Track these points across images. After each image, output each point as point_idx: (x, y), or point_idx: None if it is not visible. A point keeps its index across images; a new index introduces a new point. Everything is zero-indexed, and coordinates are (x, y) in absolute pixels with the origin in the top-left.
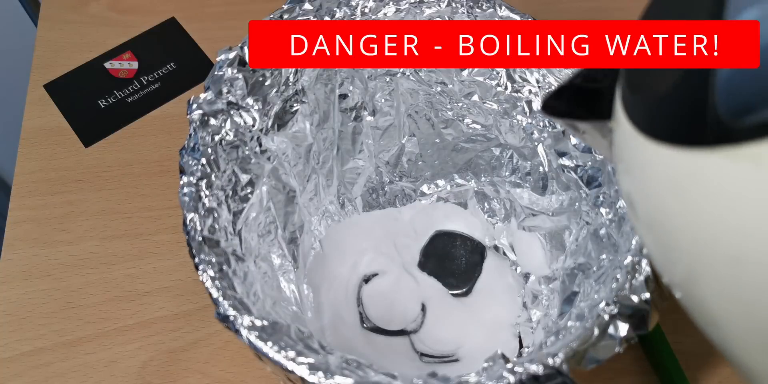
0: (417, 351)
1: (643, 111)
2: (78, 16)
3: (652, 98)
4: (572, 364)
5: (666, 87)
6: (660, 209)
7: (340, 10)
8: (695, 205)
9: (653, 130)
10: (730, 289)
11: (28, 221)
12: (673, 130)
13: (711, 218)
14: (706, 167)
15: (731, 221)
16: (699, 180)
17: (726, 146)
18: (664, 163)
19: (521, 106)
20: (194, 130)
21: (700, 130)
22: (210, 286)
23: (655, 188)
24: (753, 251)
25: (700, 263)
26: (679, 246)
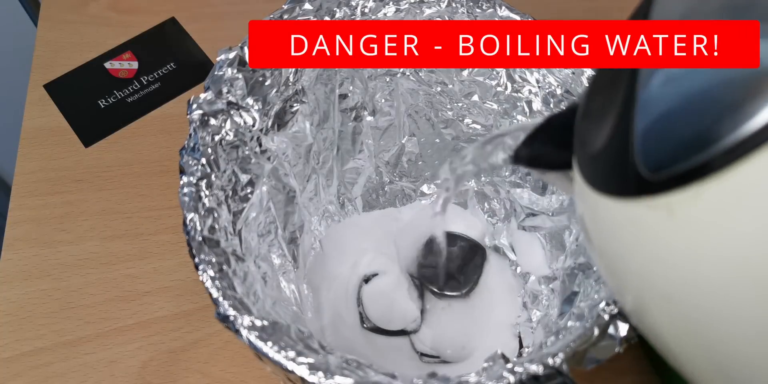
0: (417, 351)
1: (586, 164)
2: (78, 16)
3: (591, 154)
4: (572, 364)
5: (599, 144)
6: (606, 246)
7: (340, 10)
8: (629, 247)
9: (593, 182)
10: (668, 322)
11: (28, 221)
12: (607, 183)
13: (642, 260)
14: (632, 214)
15: (656, 263)
16: (629, 225)
17: (645, 197)
18: (603, 209)
19: (521, 106)
20: (194, 130)
21: (625, 183)
22: (210, 286)
23: (601, 230)
24: (677, 290)
25: (640, 296)
26: (622, 282)
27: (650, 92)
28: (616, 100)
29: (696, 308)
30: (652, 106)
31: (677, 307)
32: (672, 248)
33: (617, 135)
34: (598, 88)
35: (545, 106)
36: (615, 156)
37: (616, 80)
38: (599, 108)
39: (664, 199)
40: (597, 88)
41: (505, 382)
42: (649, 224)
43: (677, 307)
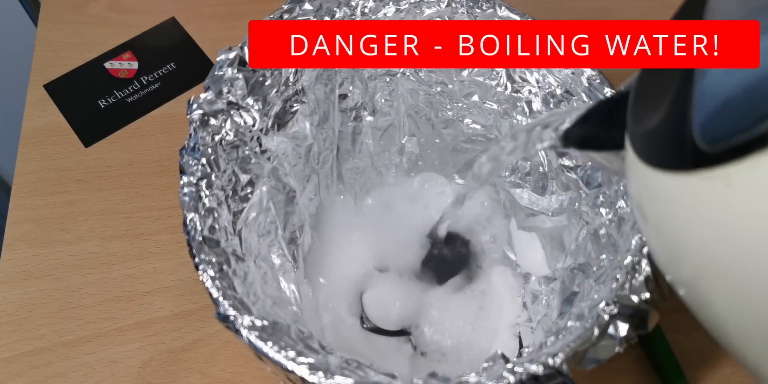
0: (417, 350)
1: (640, 141)
2: (78, 16)
3: (646, 130)
4: (572, 364)
5: (656, 120)
6: (663, 222)
7: (340, 10)
8: (687, 221)
9: (648, 157)
10: (728, 292)
11: (28, 221)
12: (663, 158)
13: (700, 232)
14: (689, 187)
15: (715, 235)
16: (686, 199)
17: (702, 169)
18: (659, 184)
19: (521, 106)
20: (194, 130)
21: (681, 156)
22: (210, 286)
23: (657, 206)
24: (736, 261)
25: (698, 269)
26: (681, 253)
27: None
28: (673, 76)
29: (755, 279)
30: (710, 80)
31: (736, 279)
32: (730, 219)
33: (675, 109)
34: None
35: (545, 106)
36: (672, 130)
37: None
38: (654, 85)
39: (721, 170)
40: (651, 70)
41: (505, 382)
42: (707, 196)
43: (736, 278)
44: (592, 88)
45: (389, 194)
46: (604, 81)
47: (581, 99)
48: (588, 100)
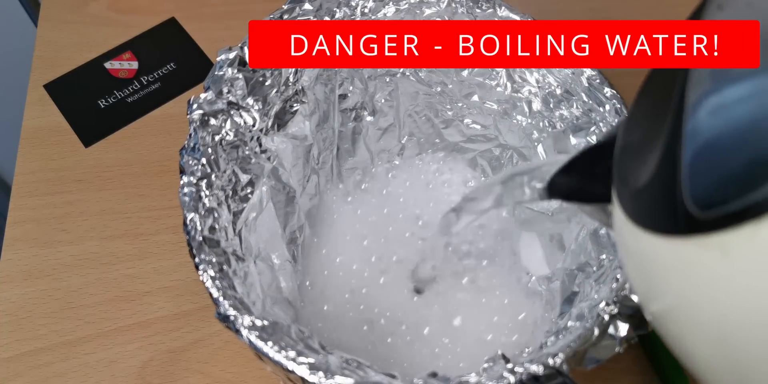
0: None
1: (628, 200)
2: (78, 16)
3: (634, 190)
4: (572, 364)
5: (643, 180)
6: (649, 286)
7: (340, 10)
8: (677, 286)
9: (637, 218)
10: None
11: (28, 221)
12: (652, 220)
13: (692, 300)
14: (682, 254)
15: (708, 304)
16: (677, 264)
17: (695, 235)
18: (648, 246)
19: (521, 106)
20: (194, 130)
21: (673, 220)
22: (210, 286)
23: (644, 268)
24: (731, 333)
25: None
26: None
27: (698, 124)
28: (660, 133)
29: (751, 352)
30: (700, 138)
31: (729, 350)
32: (727, 289)
33: (663, 170)
34: (639, 119)
35: (545, 106)
36: (661, 192)
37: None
38: (641, 141)
39: (716, 238)
40: (637, 120)
41: (505, 382)
42: (701, 264)
43: (729, 349)
44: (592, 88)
45: (389, 194)
46: (604, 81)
47: (581, 99)
48: (588, 100)
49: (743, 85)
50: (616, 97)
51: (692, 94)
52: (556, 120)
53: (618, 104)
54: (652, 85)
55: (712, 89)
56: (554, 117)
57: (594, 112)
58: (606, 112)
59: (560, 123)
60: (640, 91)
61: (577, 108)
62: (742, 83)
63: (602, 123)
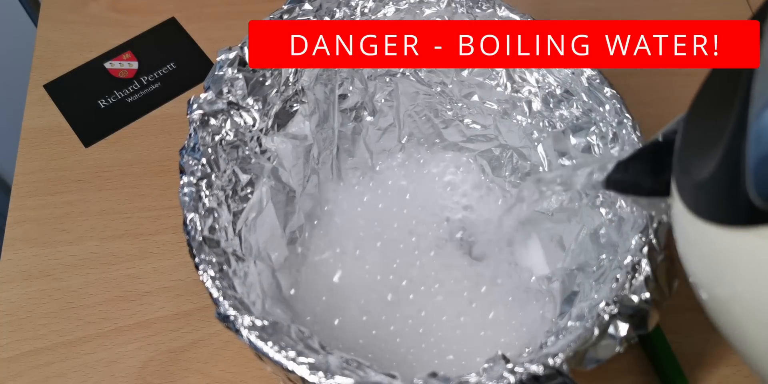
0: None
1: (689, 192)
2: (78, 16)
3: (696, 182)
4: (572, 364)
5: (706, 173)
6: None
7: (339, 10)
8: (737, 275)
9: (698, 210)
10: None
11: (28, 221)
12: (714, 211)
13: (752, 288)
14: (743, 243)
15: (765, 291)
16: (738, 254)
17: (757, 226)
18: (709, 237)
19: (521, 106)
20: (194, 130)
21: (735, 212)
22: (210, 286)
23: (705, 258)
24: None
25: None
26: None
27: (763, 118)
28: (725, 128)
29: None
30: (765, 132)
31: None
32: None
33: (727, 163)
34: (701, 114)
35: (545, 106)
36: (724, 185)
37: (722, 107)
38: (704, 135)
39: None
40: (699, 115)
41: (505, 382)
42: (761, 253)
43: None
44: (592, 88)
45: (390, 194)
46: (604, 81)
47: (581, 99)
48: (588, 100)
49: None
50: (616, 97)
51: (759, 87)
52: (556, 120)
53: (618, 104)
54: (714, 81)
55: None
56: (554, 117)
57: (594, 112)
58: (606, 112)
59: (560, 123)
60: (701, 88)
61: (577, 108)
62: None
63: (602, 123)
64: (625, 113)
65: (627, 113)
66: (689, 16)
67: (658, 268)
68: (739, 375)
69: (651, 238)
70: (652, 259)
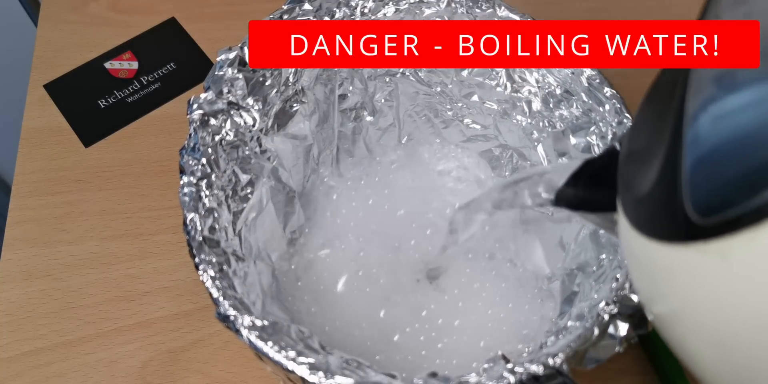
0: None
1: (631, 208)
2: (78, 16)
3: (636, 198)
4: (572, 364)
5: (645, 188)
6: (653, 292)
7: (339, 10)
8: (679, 291)
9: (640, 226)
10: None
11: (28, 221)
12: (654, 227)
13: (693, 305)
14: (683, 260)
15: (709, 308)
16: (679, 270)
17: (696, 242)
18: (651, 253)
19: (521, 106)
20: (194, 130)
21: (674, 227)
22: (210, 286)
23: (648, 274)
24: (732, 337)
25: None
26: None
27: (697, 133)
28: (662, 141)
29: (751, 355)
30: (700, 147)
31: (729, 353)
32: (726, 294)
33: (664, 178)
34: (642, 128)
35: (545, 106)
36: (662, 200)
37: (660, 121)
38: (643, 150)
39: (716, 244)
40: (640, 129)
41: (505, 382)
42: (701, 269)
43: (730, 353)
44: (591, 88)
45: (390, 193)
46: (604, 81)
47: (581, 99)
48: (588, 100)
49: (743, 93)
50: (616, 97)
51: (692, 102)
52: (555, 120)
53: (618, 104)
54: (655, 92)
55: (712, 97)
56: (554, 117)
57: (594, 112)
58: (606, 112)
59: (560, 123)
60: (644, 99)
61: (577, 108)
62: (742, 91)
63: (602, 123)
64: (625, 113)
65: (627, 113)
66: (689, 16)
67: None
68: None
69: None
70: None
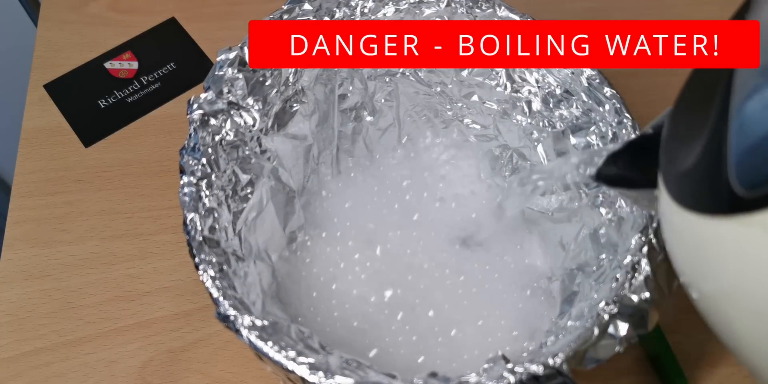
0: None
1: (674, 183)
2: (78, 16)
3: (680, 172)
4: (572, 364)
5: (690, 162)
6: (694, 265)
7: (339, 10)
8: (720, 264)
9: (683, 200)
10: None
11: (28, 221)
12: (698, 201)
13: (734, 276)
14: (726, 232)
15: (749, 279)
16: (721, 243)
17: (739, 214)
18: (693, 227)
19: (521, 106)
20: (194, 130)
21: (718, 201)
22: (210, 286)
23: (689, 248)
24: None
25: (727, 314)
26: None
27: (745, 111)
28: (708, 119)
29: None
30: (747, 124)
31: None
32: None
33: (710, 153)
34: (686, 107)
35: (545, 106)
36: (707, 174)
37: (707, 100)
38: (688, 127)
39: (759, 216)
40: (684, 108)
41: (505, 382)
42: (744, 241)
43: None
44: (591, 88)
45: (390, 193)
46: (604, 81)
47: (581, 99)
48: (588, 100)
49: None
50: (616, 96)
51: (739, 84)
52: (555, 120)
53: (618, 104)
54: (698, 77)
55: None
56: (554, 117)
57: (594, 112)
58: (606, 112)
59: (560, 123)
60: (687, 82)
61: (577, 108)
62: None
63: (602, 123)
64: (625, 113)
65: (627, 113)
66: (689, 16)
67: (657, 268)
68: (739, 375)
69: (651, 238)
70: (651, 258)
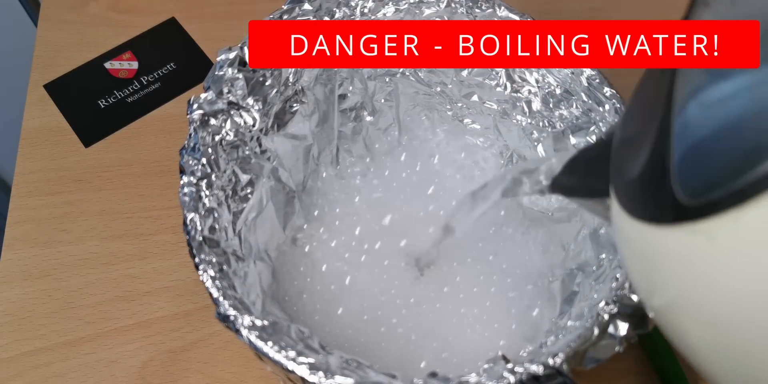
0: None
1: (623, 191)
2: (78, 16)
3: (628, 180)
4: (572, 364)
5: (636, 170)
6: (645, 274)
7: (339, 10)
8: (669, 273)
9: (631, 209)
10: (709, 346)
11: (28, 221)
12: (644, 210)
13: (682, 285)
14: (671, 240)
15: (697, 288)
16: (668, 251)
17: (684, 223)
18: (641, 236)
19: (521, 106)
20: (194, 130)
21: (663, 209)
22: (210, 286)
23: (639, 257)
24: (720, 316)
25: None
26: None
27: (686, 119)
28: (652, 126)
29: (739, 333)
30: (689, 132)
31: (720, 332)
32: (713, 273)
33: (654, 162)
34: (634, 114)
35: (545, 106)
36: (652, 183)
37: (651, 108)
38: (635, 135)
39: (703, 224)
40: (632, 115)
41: (505, 382)
42: (689, 250)
43: (720, 331)
44: (591, 88)
45: (390, 193)
46: (604, 81)
47: (581, 99)
48: (588, 100)
49: (732, 80)
50: (616, 96)
51: (681, 89)
52: (555, 120)
53: (618, 104)
54: (646, 81)
55: (701, 84)
56: (554, 117)
57: (594, 112)
58: (606, 112)
59: (560, 123)
60: (636, 87)
61: (577, 108)
62: (731, 79)
63: (602, 123)
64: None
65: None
66: None
67: None
68: None
69: None
70: None
